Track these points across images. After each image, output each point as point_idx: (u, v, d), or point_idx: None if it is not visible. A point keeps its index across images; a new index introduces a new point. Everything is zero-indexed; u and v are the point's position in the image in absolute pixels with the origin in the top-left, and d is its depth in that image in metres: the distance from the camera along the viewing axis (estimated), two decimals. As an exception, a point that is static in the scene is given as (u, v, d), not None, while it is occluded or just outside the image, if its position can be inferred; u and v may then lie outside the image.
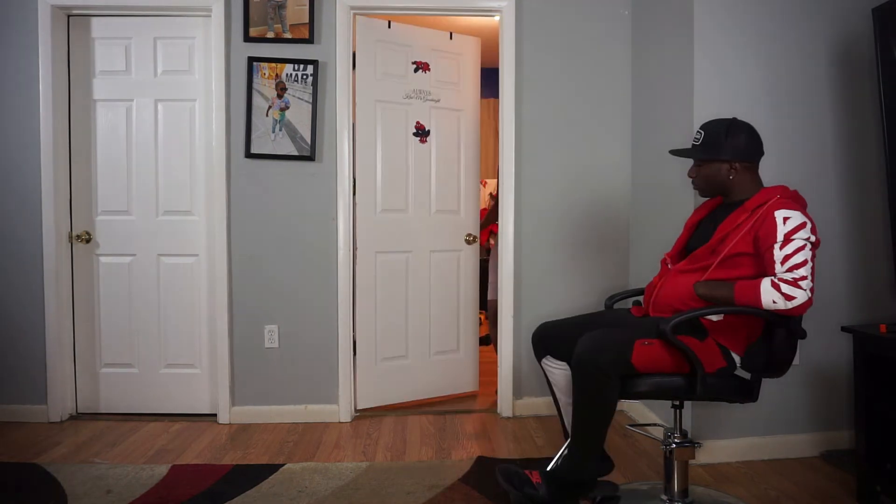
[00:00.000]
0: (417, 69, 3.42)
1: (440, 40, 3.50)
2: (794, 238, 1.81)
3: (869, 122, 2.66)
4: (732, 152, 1.98)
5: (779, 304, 1.78)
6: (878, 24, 2.38)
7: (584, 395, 1.89)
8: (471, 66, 3.60)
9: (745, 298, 1.82)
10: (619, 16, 3.28)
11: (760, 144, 2.03)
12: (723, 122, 2.03)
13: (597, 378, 1.85)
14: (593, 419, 1.91)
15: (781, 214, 1.84)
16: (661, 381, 1.90)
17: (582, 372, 1.87)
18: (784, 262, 1.80)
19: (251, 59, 3.11)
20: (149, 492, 2.32)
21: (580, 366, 1.87)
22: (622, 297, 2.37)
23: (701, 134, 2.03)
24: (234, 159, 3.15)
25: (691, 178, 2.09)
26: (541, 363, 2.24)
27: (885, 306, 2.65)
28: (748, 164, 2.02)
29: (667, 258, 2.17)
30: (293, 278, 3.19)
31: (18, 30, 3.08)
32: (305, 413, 3.19)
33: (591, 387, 1.87)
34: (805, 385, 2.68)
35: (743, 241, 1.90)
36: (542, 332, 2.22)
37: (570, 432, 2.02)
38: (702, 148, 2.02)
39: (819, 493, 2.33)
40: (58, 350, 3.14)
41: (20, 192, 3.12)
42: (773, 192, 1.95)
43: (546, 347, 2.20)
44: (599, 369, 1.83)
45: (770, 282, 1.79)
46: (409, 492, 2.32)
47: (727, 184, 2.03)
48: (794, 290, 1.77)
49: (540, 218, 3.27)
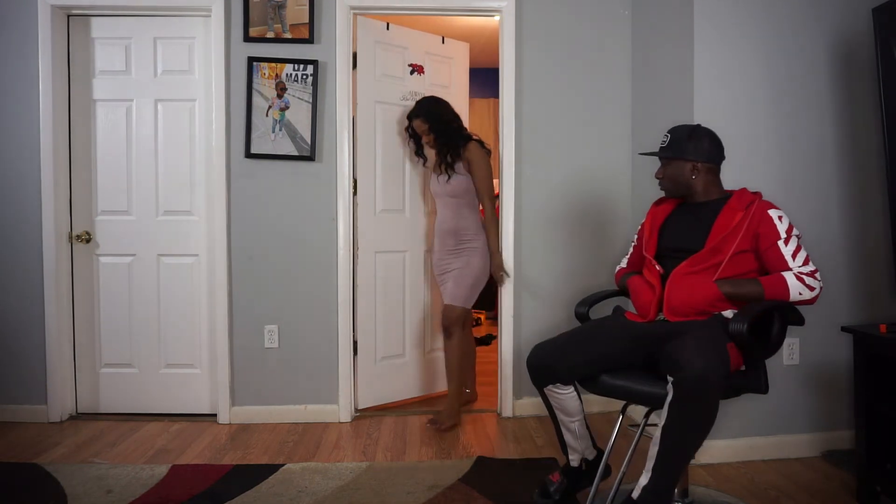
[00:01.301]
0: (413, 71, 3.47)
1: (433, 44, 3.58)
2: (792, 235, 1.96)
3: (869, 122, 2.66)
4: (696, 153, 2.08)
5: (804, 296, 1.91)
6: (878, 24, 2.37)
7: (695, 417, 1.74)
8: (461, 70, 3.70)
9: (775, 292, 1.92)
10: (620, 16, 3.28)
11: (722, 149, 2.14)
12: (687, 126, 2.14)
13: (716, 394, 1.74)
14: (700, 440, 1.78)
15: (775, 213, 1.98)
16: (736, 383, 1.92)
17: (699, 392, 1.72)
18: (795, 257, 1.93)
19: (251, 59, 3.11)
20: (149, 492, 2.32)
21: (699, 387, 1.71)
22: (595, 302, 2.29)
23: (667, 137, 2.14)
24: (234, 159, 3.15)
25: (658, 178, 2.18)
26: (543, 390, 2.11)
27: (885, 306, 2.65)
28: (710, 166, 2.11)
29: (651, 259, 2.15)
30: (293, 278, 3.19)
31: (18, 30, 3.08)
32: (305, 413, 3.19)
33: (707, 405, 1.74)
34: (805, 385, 2.68)
35: (744, 239, 1.98)
36: (542, 357, 2.07)
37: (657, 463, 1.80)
38: (668, 148, 2.12)
39: (819, 493, 2.33)
40: (58, 350, 3.14)
41: (20, 192, 3.12)
42: (748, 192, 2.09)
43: (551, 374, 2.05)
44: (720, 384, 1.74)
45: (794, 275, 1.91)
46: (409, 492, 2.32)
47: (690, 183, 2.12)
48: (814, 281, 1.92)
49: (540, 218, 3.27)
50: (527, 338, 3.23)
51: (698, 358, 1.72)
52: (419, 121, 3.15)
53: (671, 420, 1.75)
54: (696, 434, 1.77)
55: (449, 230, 3.18)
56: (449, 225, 3.18)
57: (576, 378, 2.06)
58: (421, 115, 3.14)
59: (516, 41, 3.22)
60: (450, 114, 3.18)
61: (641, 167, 3.20)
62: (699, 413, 1.74)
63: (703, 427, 1.77)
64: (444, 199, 3.18)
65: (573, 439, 2.17)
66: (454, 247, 3.17)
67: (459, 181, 3.11)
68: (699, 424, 1.76)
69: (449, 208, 3.18)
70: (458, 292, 3.12)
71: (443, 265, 3.23)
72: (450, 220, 3.18)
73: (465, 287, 3.12)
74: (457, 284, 3.13)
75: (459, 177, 3.11)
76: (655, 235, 2.19)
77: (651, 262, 2.14)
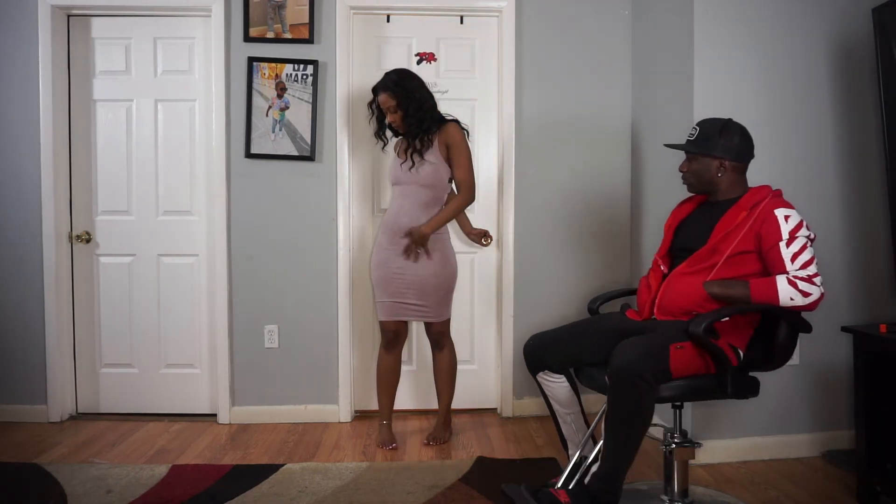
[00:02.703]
0: (421, 60, 3.27)
1: (448, 27, 3.27)
2: (797, 236, 1.86)
3: (869, 122, 2.66)
4: (724, 150, 2.01)
5: (796, 301, 1.82)
6: (878, 24, 2.37)
7: (624, 409, 1.81)
8: (489, 50, 3.29)
9: (762, 296, 1.85)
10: (620, 16, 3.27)
11: (752, 147, 2.07)
12: (719, 120, 2.06)
13: (641, 389, 1.77)
14: (633, 433, 1.83)
15: (782, 213, 1.89)
16: (693, 384, 1.88)
17: (624, 385, 1.79)
18: (794, 260, 1.84)
19: (251, 59, 3.11)
20: (149, 492, 2.32)
21: (622, 379, 1.79)
22: (606, 300, 2.34)
23: (696, 130, 2.06)
24: (234, 159, 3.15)
25: (682, 171, 2.11)
26: (536, 377, 2.18)
27: (885, 306, 2.65)
28: (738, 165, 2.05)
29: (658, 259, 2.16)
30: (293, 278, 3.18)
31: (18, 30, 3.08)
32: (305, 413, 3.19)
33: (633, 399, 1.79)
34: (805, 385, 2.68)
35: (745, 240, 1.92)
36: (536, 346, 2.16)
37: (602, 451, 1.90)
38: (695, 143, 2.05)
39: (819, 493, 2.33)
40: (58, 350, 3.14)
41: (20, 192, 3.12)
42: (765, 190, 2.00)
43: (541, 362, 2.14)
44: (644, 379, 1.77)
45: (786, 279, 1.83)
46: (409, 492, 2.32)
47: (715, 181, 2.05)
48: (810, 286, 1.82)
49: (540, 218, 3.26)
50: (527, 337, 3.22)
51: (629, 353, 1.80)
52: (386, 95, 2.66)
53: (608, 411, 1.85)
54: (627, 427, 1.83)
55: (407, 226, 2.68)
56: (410, 219, 2.69)
57: (565, 367, 2.10)
58: (389, 88, 2.65)
59: (516, 41, 3.21)
60: (424, 91, 2.71)
61: (642, 167, 3.21)
62: (626, 406, 1.81)
63: (633, 421, 1.82)
64: (408, 187, 2.71)
65: (571, 432, 2.20)
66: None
67: (432, 168, 2.68)
68: (628, 418, 1.81)
69: (412, 199, 2.70)
70: (438, 304, 2.76)
71: (394, 268, 2.71)
72: (412, 214, 2.70)
73: (439, 296, 2.76)
74: (432, 296, 2.73)
75: (431, 164, 2.67)
76: (670, 235, 2.19)
77: (656, 262, 2.15)
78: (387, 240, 2.75)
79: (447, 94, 3.24)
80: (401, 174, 2.74)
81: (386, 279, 2.74)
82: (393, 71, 2.74)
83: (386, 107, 2.70)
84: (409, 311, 2.75)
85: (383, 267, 2.75)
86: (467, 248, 3.28)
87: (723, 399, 1.97)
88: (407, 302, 2.73)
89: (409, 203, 2.73)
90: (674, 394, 1.88)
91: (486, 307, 3.34)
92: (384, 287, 2.75)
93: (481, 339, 3.35)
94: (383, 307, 2.77)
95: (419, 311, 2.75)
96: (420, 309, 2.75)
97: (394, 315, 2.76)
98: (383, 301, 2.77)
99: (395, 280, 2.72)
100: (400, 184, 2.76)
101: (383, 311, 2.78)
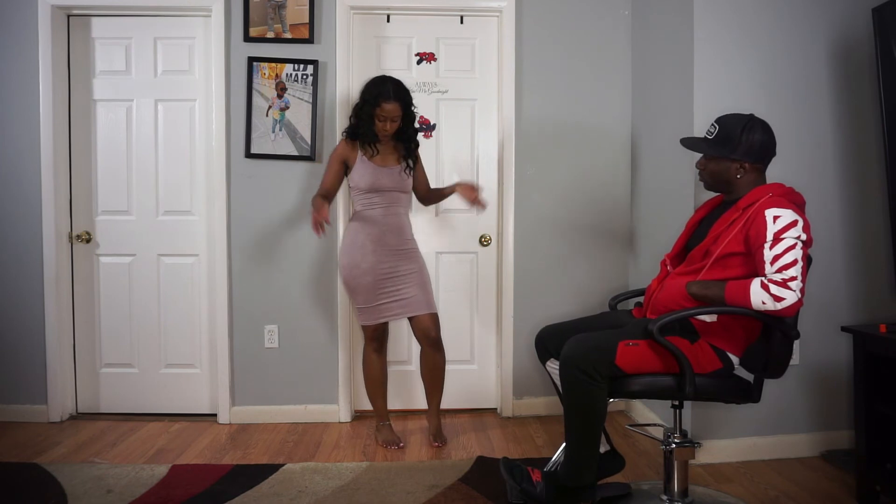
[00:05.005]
0: (421, 60, 3.28)
1: (447, 27, 3.27)
2: (783, 237, 1.77)
3: (869, 121, 2.66)
4: (744, 152, 1.93)
5: (768, 305, 1.75)
6: (878, 24, 2.38)
7: (572, 398, 1.91)
8: (489, 50, 3.29)
9: (735, 298, 1.81)
10: (620, 16, 3.27)
11: (774, 145, 1.99)
12: (740, 118, 1.96)
13: (582, 381, 1.86)
14: (583, 423, 1.92)
15: (772, 213, 1.80)
16: (652, 382, 1.91)
17: (567, 375, 1.89)
18: (774, 263, 1.76)
19: (251, 59, 3.12)
20: (149, 492, 2.32)
21: (565, 369, 1.89)
22: (626, 298, 2.38)
23: (715, 128, 1.98)
24: (233, 159, 3.15)
25: (699, 169, 2.05)
26: (545, 366, 2.24)
27: (885, 306, 2.65)
28: (758, 166, 1.97)
29: (666, 259, 2.17)
30: (293, 278, 3.19)
31: (18, 30, 3.08)
32: (305, 413, 3.19)
33: (577, 390, 1.88)
34: (805, 385, 2.68)
35: (735, 241, 1.88)
36: (544, 335, 2.24)
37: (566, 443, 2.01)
38: (714, 143, 1.97)
39: (819, 493, 2.33)
40: (58, 350, 3.14)
41: (20, 192, 3.12)
42: (765, 190, 1.92)
43: (548, 350, 2.21)
44: (584, 371, 1.85)
45: (760, 282, 1.77)
46: (409, 492, 2.32)
47: (734, 182, 1.99)
48: (783, 290, 1.73)
49: (540, 218, 3.27)
50: (526, 337, 3.23)
51: (576, 346, 1.89)
52: (396, 105, 2.71)
53: (563, 400, 1.96)
54: (575, 416, 1.92)
55: (396, 227, 2.82)
56: (399, 221, 2.84)
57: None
58: (401, 100, 2.74)
59: (516, 41, 3.21)
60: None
61: (642, 167, 3.21)
62: (572, 397, 1.90)
63: (580, 410, 1.91)
64: (394, 194, 2.83)
65: None
66: (398, 246, 2.81)
67: (412, 176, 2.89)
68: (579, 403, 1.90)
69: (400, 205, 2.86)
70: (431, 298, 2.86)
71: (385, 268, 2.77)
72: (401, 216, 2.86)
73: (430, 292, 2.88)
74: (426, 291, 2.84)
75: (411, 172, 2.88)
76: (683, 235, 2.18)
77: (663, 262, 2.16)
78: (372, 244, 2.77)
79: (447, 94, 3.27)
80: (391, 181, 2.81)
81: (376, 283, 2.76)
82: (398, 82, 2.76)
83: (392, 116, 2.73)
84: (405, 307, 2.79)
85: (372, 272, 2.76)
86: (467, 248, 3.32)
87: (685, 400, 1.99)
88: (404, 298, 2.78)
89: (397, 208, 2.86)
90: (635, 389, 1.92)
91: (486, 307, 3.34)
92: (373, 291, 2.77)
93: (481, 339, 3.36)
94: (370, 311, 2.80)
95: (416, 304, 2.79)
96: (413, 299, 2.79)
97: (380, 317, 2.80)
98: (370, 306, 2.79)
99: (388, 280, 2.77)
100: (388, 191, 2.81)
101: (370, 315, 2.80)
